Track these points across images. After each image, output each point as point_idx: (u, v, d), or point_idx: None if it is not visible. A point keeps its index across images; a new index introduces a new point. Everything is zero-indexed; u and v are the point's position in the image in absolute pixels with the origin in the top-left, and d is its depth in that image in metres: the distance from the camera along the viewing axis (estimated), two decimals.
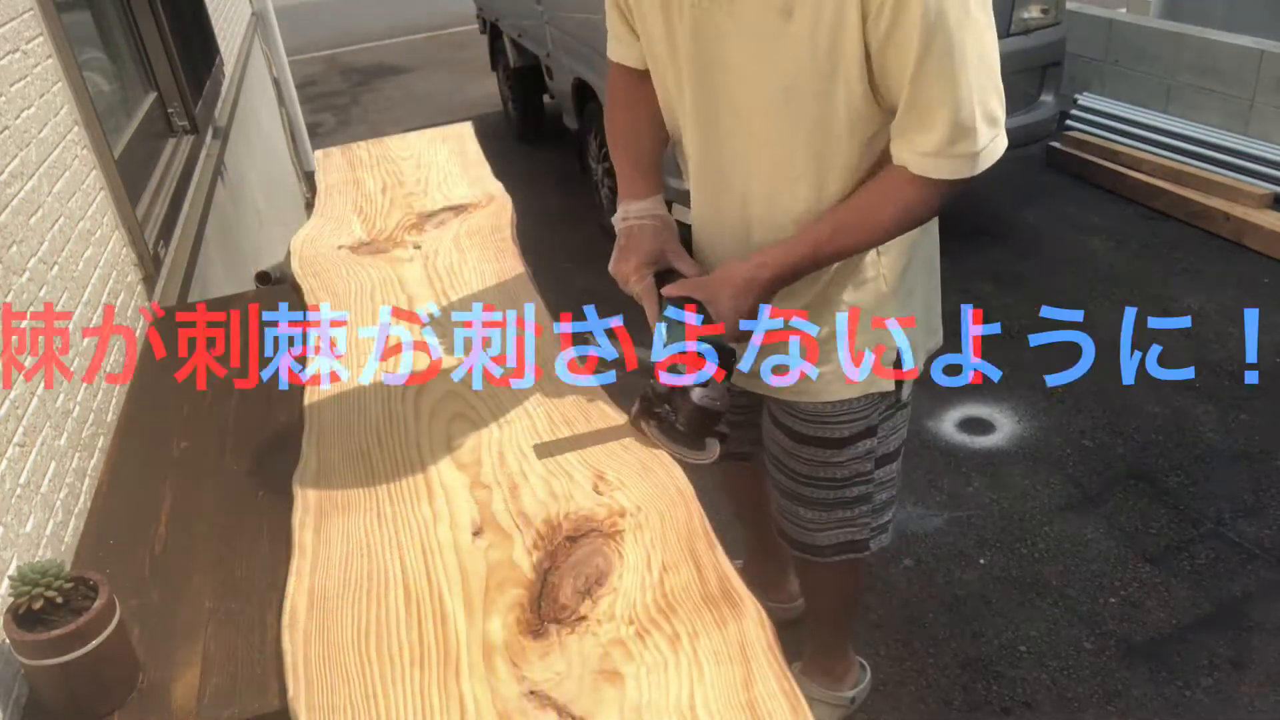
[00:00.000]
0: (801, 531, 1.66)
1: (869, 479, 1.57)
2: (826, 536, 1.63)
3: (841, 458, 1.54)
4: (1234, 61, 4.18)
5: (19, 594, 0.98)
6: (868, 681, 2.08)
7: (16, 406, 1.26)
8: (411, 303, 1.75)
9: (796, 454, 1.57)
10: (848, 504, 1.59)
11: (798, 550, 1.70)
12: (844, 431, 1.51)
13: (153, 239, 2.03)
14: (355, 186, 2.35)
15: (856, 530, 1.62)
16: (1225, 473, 2.66)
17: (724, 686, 0.94)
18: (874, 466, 1.56)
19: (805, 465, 1.57)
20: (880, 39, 1.15)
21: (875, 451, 1.54)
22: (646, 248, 1.41)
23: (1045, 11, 3.77)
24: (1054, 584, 2.36)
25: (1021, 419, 2.95)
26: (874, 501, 1.61)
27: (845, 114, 1.24)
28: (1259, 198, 3.88)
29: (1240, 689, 2.06)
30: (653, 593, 1.06)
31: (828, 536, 1.63)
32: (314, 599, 1.10)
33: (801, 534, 1.66)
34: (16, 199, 1.44)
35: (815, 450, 1.54)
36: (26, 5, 1.69)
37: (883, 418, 1.52)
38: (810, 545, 1.66)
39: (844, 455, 1.53)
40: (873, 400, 1.49)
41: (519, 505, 1.21)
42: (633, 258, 1.40)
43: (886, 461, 1.57)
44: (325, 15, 11.30)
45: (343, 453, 1.36)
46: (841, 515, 1.60)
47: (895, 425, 1.56)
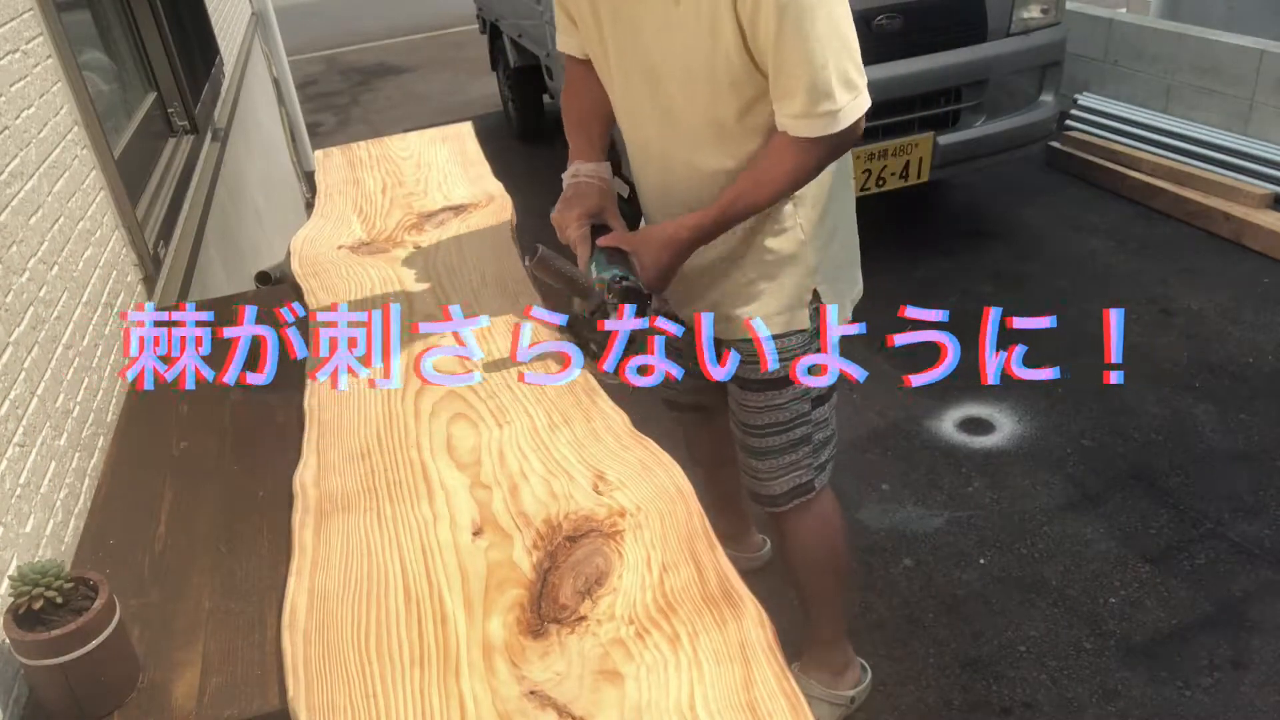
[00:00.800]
0: (758, 483, 1.85)
1: (808, 419, 1.77)
2: (779, 484, 1.82)
3: (783, 399, 1.73)
4: (1234, 61, 4.18)
5: (19, 594, 0.98)
6: (868, 683, 2.10)
7: (16, 406, 1.26)
8: (411, 303, 1.75)
9: (746, 404, 1.77)
10: (792, 447, 1.78)
11: (760, 504, 1.90)
12: (780, 371, 1.70)
13: (153, 239, 2.03)
14: (355, 186, 2.35)
15: (802, 472, 1.82)
16: (1225, 473, 2.66)
17: (724, 686, 0.94)
18: (811, 407, 1.76)
19: (754, 414, 1.77)
20: (749, 17, 1.36)
21: (811, 392, 1.74)
22: (589, 202, 1.62)
23: (1045, 11, 3.77)
24: (1054, 584, 2.36)
25: (1021, 419, 2.95)
26: (813, 441, 1.80)
27: (730, 84, 1.44)
28: (1259, 198, 3.88)
29: (1240, 689, 2.06)
30: (653, 593, 1.06)
31: (780, 484, 1.82)
32: (314, 599, 1.10)
33: (759, 485, 1.86)
34: (16, 199, 1.44)
35: (758, 395, 1.74)
36: (26, 5, 1.68)
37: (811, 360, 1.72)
38: (768, 495, 1.86)
39: (780, 397, 1.73)
40: (802, 340, 1.69)
41: (519, 505, 1.21)
42: (576, 208, 1.61)
43: (821, 402, 1.78)
44: (325, 15, 11.30)
45: (343, 453, 1.36)
46: (789, 460, 1.80)
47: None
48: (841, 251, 1.71)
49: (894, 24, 3.50)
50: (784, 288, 1.65)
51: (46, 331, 1.42)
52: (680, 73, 1.47)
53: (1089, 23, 4.84)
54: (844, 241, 1.72)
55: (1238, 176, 4.03)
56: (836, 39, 1.37)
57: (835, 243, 1.68)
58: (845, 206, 1.71)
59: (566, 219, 1.61)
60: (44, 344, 1.40)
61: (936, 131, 3.66)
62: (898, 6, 3.49)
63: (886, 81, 3.53)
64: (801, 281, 1.65)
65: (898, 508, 2.66)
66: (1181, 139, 4.29)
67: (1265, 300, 3.45)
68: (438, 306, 1.73)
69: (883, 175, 3.60)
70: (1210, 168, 4.13)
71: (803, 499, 1.84)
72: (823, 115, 1.40)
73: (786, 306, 1.66)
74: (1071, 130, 4.73)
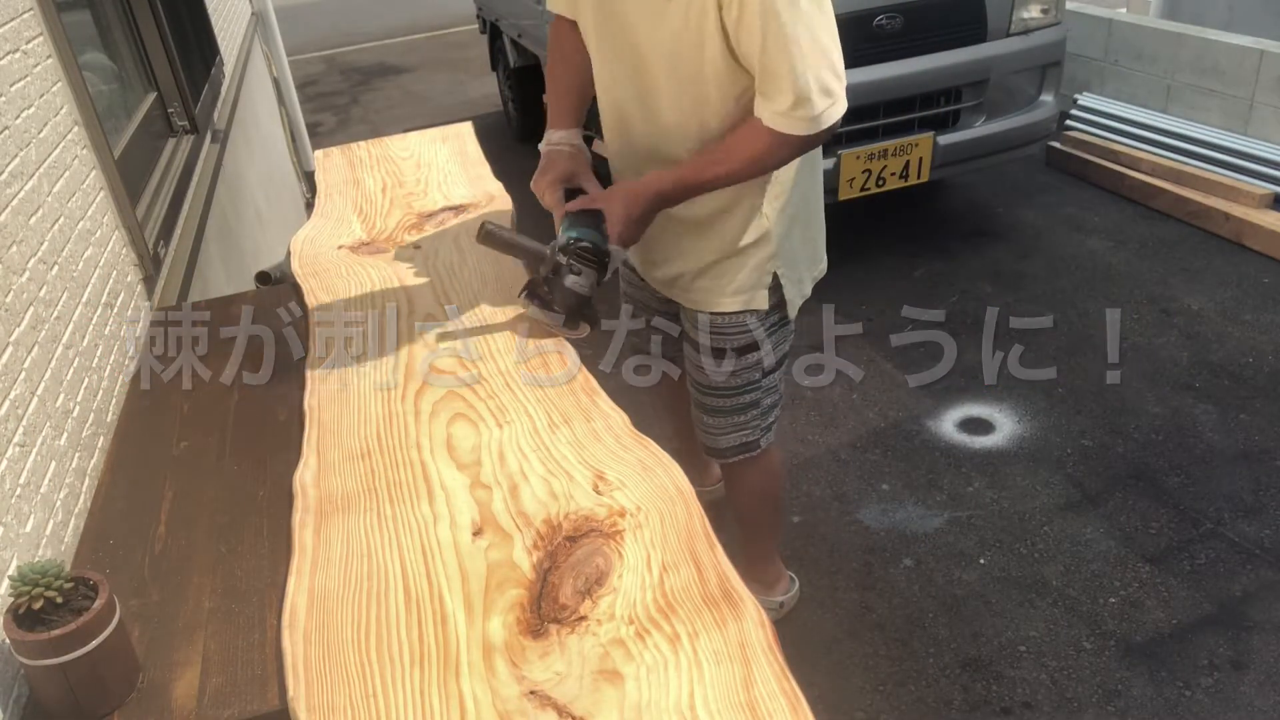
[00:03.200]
0: (707, 436, 2.01)
1: (757, 386, 1.91)
2: (726, 440, 1.99)
3: (735, 366, 1.87)
4: (1234, 61, 4.18)
5: (19, 594, 0.98)
6: (796, 590, 2.37)
7: (16, 406, 1.26)
8: (411, 303, 1.75)
9: (701, 365, 1.90)
10: (741, 409, 1.93)
11: (708, 454, 2.07)
12: (735, 343, 1.83)
13: (153, 239, 2.03)
14: (355, 186, 2.35)
15: (749, 433, 1.97)
16: (1225, 473, 2.66)
17: (724, 686, 0.94)
18: (761, 376, 1.90)
19: (707, 375, 1.90)
20: (733, 24, 1.47)
21: (762, 363, 1.87)
22: (561, 168, 1.72)
23: (1045, 11, 3.77)
24: (1054, 584, 2.36)
25: (1021, 419, 2.95)
26: (761, 406, 1.95)
27: (714, 76, 1.56)
28: (1259, 198, 3.88)
29: (1240, 689, 2.06)
30: (653, 593, 1.06)
31: (727, 440, 1.98)
32: (314, 599, 1.10)
33: (707, 438, 2.01)
34: (16, 199, 1.44)
35: (714, 361, 1.87)
36: (26, 5, 1.68)
37: (768, 333, 1.85)
38: (714, 448, 2.02)
39: (737, 365, 1.87)
40: (759, 317, 1.81)
41: (519, 505, 1.21)
42: (550, 174, 1.72)
43: (771, 371, 1.91)
44: (325, 15, 11.30)
45: (343, 453, 1.36)
46: (737, 420, 1.95)
47: (778, 341, 1.88)
48: (803, 236, 1.82)
49: (894, 24, 3.50)
50: (746, 270, 1.76)
51: (46, 331, 1.42)
52: (665, 62, 1.58)
53: (1089, 23, 4.84)
54: (806, 226, 1.83)
55: (1238, 176, 4.03)
56: (817, 51, 1.46)
57: (797, 229, 1.79)
58: (810, 194, 1.81)
59: (542, 185, 1.72)
60: (44, 344, 1.40)
61: (936, 131, 3.66)
62: (898, 6, 3.49)
63: (886, 81, 3.54)
64: (763, 265, 1.76)
65: (898, 508, 2.66)
66: (1181, 139, 4.29)
67: (1265, 300, 3.45)
68: (438, 306, 1.73)
69: (883, 175, 3.60)
70: (1210, 168, 4.13)
71: (748, 455, 2.00)
72: (802, 119, 1.50)
73: (748, 287, 1.77)
74: (1071, 130, 4.73)
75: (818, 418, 3.06)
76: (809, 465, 2.85)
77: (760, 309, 1.79)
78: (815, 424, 3.03)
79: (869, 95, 3.52)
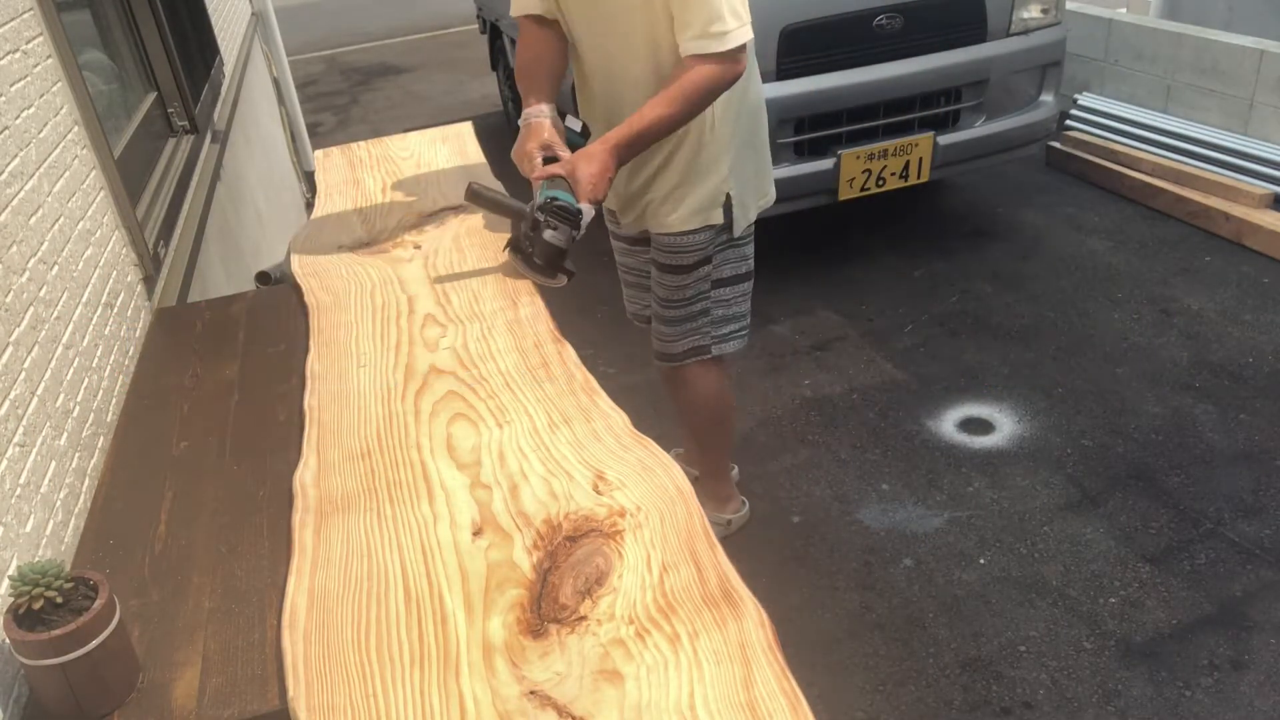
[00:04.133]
0: (662, 344, 2.25)
1: (707, 296, 2.17)
2: (679, 346, 2.23)
3: (688, 280, 2.13)
4: (1234, 61, 4.18)
5: (19, 594, 0.98)
6: (746, 512, 2.59)
7: (16, 406, 1.26)
8: (412, 303, 1.75)
9: (661, 282, 2.16)
10: (693, 317, 2.19)
11: (661, 360, 2.29)
12: (689, 259, 2.10)
13: (153, 239, 2.03)
14: (355, 186, 2.35)
15: (700, 338, 2.22)
16: (1225, 473, 2.66)
17: (724, 686, 0.94)
18: (710, 287, 2.16)
19: (665, 290, 2.17)
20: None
21: (711, 276, 2.14)
22: (541, 137, 1.87)
23: (1045, 11, 3.77)
24: (1054, 584, 2.36)
25: (1021, 419, 2.95)
26: (712, 315, 2.19)
27: (666, 33, 1.82)
28: (1259, 198, 3.88)
29: (1240, 689, 2.06)
30: (653, 593, 1.06)
31: (680, 345, 2.23)
32: (314, 599, 1.10)
33: (662, 346, 2.25)
34: (16, 199, 1.44)
35: (672, 277, 2.14)
36: (26, 5, 1.68)
37: (717, 249, 2.11)
38: (668, 354, 2.25)
39: (688, 279, 2.13)
40: (710, 235, 2.07)
41: (519, 505, 1.21)
42: (530, 142, 1.87)
43: (721, 285, 2.16)
44: (325, 15, 11.30)
45: (343, 453, 1.36)
46: (689, 326, 2.20)
47: (728, 258, 2.14)
48: (755, 167, 2.10)
49: (894, 24, 3.50)
50: (703, 190, 2.02)
51: (46, 331, 1.42)
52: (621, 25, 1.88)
53: (1089, 23, 4.84)
54: (756, 157, 2.11)
55: (1238, 176, 4.03)
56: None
57: (749, 159, 2.07)
58: (757, 130, 2.09)
59: (523, 153, 1.87)
60: (44, 344, 1.40)
61: (936, 131, 3.65)
62: (898, 6, 3.49)
63: (886, 81, 3.54)
64: (717, 186, 2.02)
65: (898, 508, 2.66)
66: (1181, 139, 4.29)
67: (1265, 300, 3.45)
68: (438, 306, 1.73)
69: (883, 175, 3.60)
70: (1210, 168, 4.13)
71: (698, 359, 2.24)
72: (714, 35, 1.74)
73: (703, 206, 2.03)
74: (1071, 130, 4.73)
75: (818, 418, 3.06)
76: (809, 465, 2.85)
77: (715, 224, 2.05)
78: (815, 424, 3.03)
79: (869, 95, 3.52)
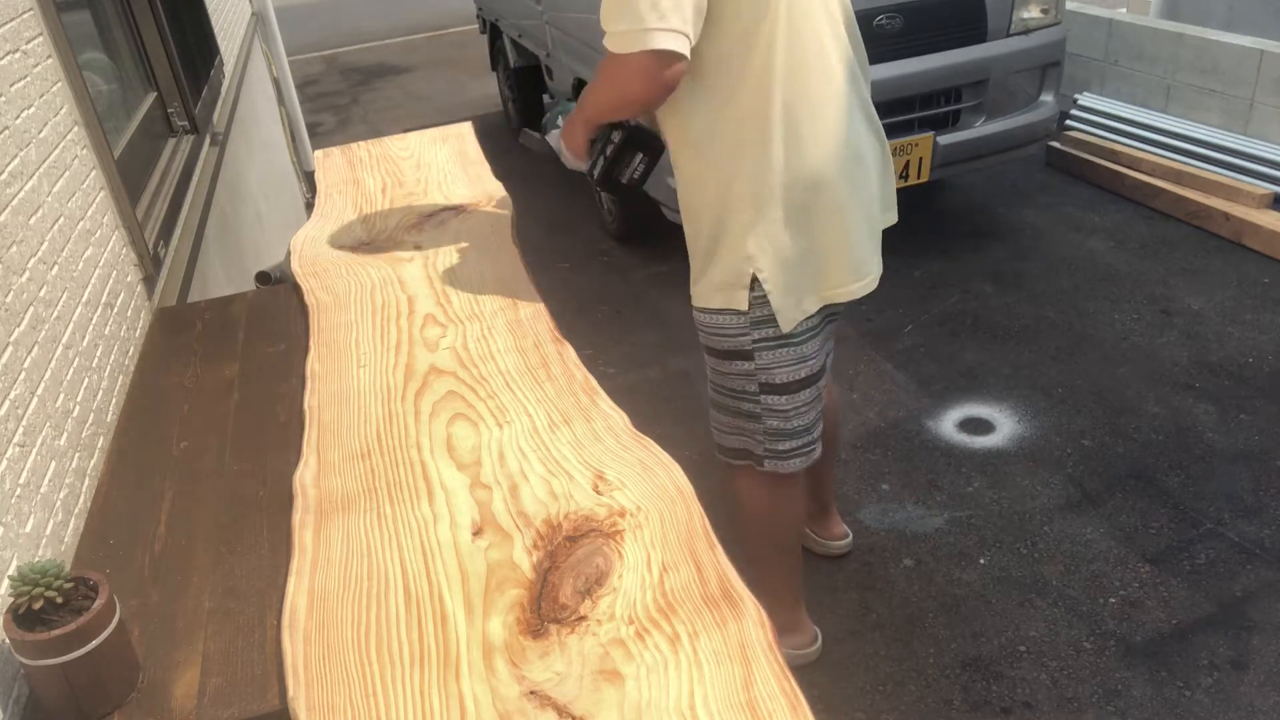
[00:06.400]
0: (716, 433, 2.01)
1: (756, 400, 1.86)
2: (730, 440, 1.98)
3: (726, 369, 1.85)
4: (1234, 61, 4.18)
5: (19, 594, 0.98)
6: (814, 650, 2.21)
7: (16, 406, 1.26)
8: (412, 303, 1.75)
9: (707, 360, 1.91)
10: (743, 416, 1.90)
11: (718, 452, 2.04)
12: (719, 345, 1.82)
13: (153, 239, 2.03)
14: (355, 186, 2.35)
15: (752, 443, 1.93)
16: (1225, 473, 2.66)
17: (724, 686, 0.94)
18: (759, 390, 1.84)
19: (710, 372, 1.93)
20: None
21: (757, 377, 1.82)
22: None
23: (1045, 11, 3.77)
24: (1054, 584, 2.36)
25: (1021, 419, 2.95)
26: (765, 425, 1.89)
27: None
28: (1259, 198, 3.88)
29: (1240, 689, 2.06)
30: (653, 593, 1.06)
31: (730, 440, 1.97)
32: (314, 599, 1.10)
33: (716, 434, 2.01)
34: (16, 199, 1.44)
35: (711, 359, 1.89)
36: (26, 5, 1.68)
37: (762, 346, 1.78)
38: (720, 446, 2.01)
39: (727, 368, 1.85)
40: (740, 322, 1.76)
41: (519, 505, 1.21)
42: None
43: (773, 391, 1.84)
44: (325, 15, 11.30)
45: (343, 453, 1.36)
46: (739, 425, 1.93)
47: (780, 359, 1.80)
48: (800, 245, 1.71)
49: (894, 24, 3.50)
50: (720, 265, 1.74)
51: (46, 331, 1.42)
52: None
53: (1089, 23, 4.84)
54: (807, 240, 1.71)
55: (1238, 176, 4.03)
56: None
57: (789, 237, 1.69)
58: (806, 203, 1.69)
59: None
60: (44, 344, 1.40)
61: (936, 131, 3.66)
62: (898, 6, 3.49)
63: (886, 81, 3.54)
64: (737, 265, 1.71)
65: (898, 508, 2.66)
66: (1181, 139, 4.29)
67: (1265, 300, 3.45)
68: (438, 306, 1.73)
69: None
70: (1210, 168, 4.13)
71: (748, 463, 1.97)
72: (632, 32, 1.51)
73: (724, 284, 1.74)
74: (1071, 130, 4.73)
75: None
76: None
77: (739, 309, 1.74)
78: None
79: None
